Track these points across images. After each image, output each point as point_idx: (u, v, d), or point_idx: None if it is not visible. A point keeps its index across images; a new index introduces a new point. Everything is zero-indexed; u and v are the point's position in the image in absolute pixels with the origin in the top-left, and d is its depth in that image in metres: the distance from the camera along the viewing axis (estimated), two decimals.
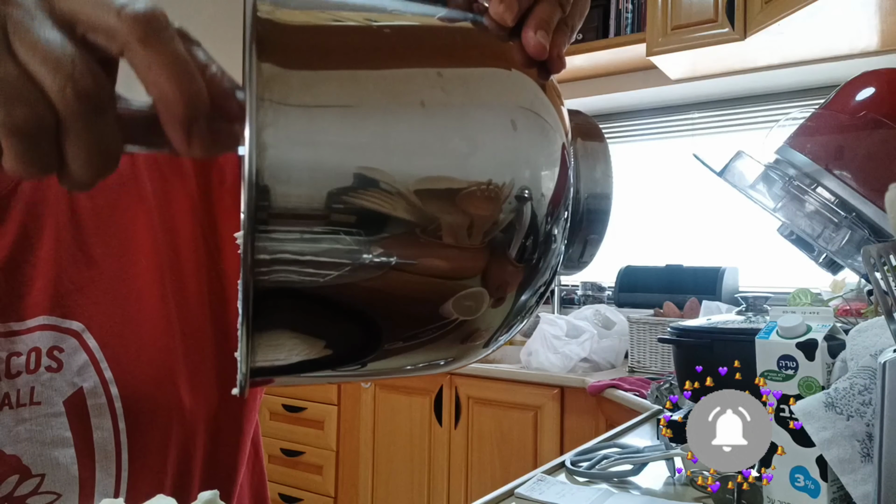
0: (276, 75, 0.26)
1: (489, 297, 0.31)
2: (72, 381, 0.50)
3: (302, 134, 0.26)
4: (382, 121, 0.28)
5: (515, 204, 0.30)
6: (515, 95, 0.31)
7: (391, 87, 0.28)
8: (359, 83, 0.28)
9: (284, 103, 0.26)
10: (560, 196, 0.31)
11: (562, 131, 0.32)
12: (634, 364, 2.00)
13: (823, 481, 0.66)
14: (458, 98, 0.29)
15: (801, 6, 1.66)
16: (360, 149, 0.27)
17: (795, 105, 2.30)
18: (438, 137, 0.29)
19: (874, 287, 0.55)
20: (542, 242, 0.31)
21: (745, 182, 0.98)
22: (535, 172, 0.30)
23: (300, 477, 2.51)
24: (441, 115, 0.29)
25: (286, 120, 0.26)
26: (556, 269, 0.33)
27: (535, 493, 0.78)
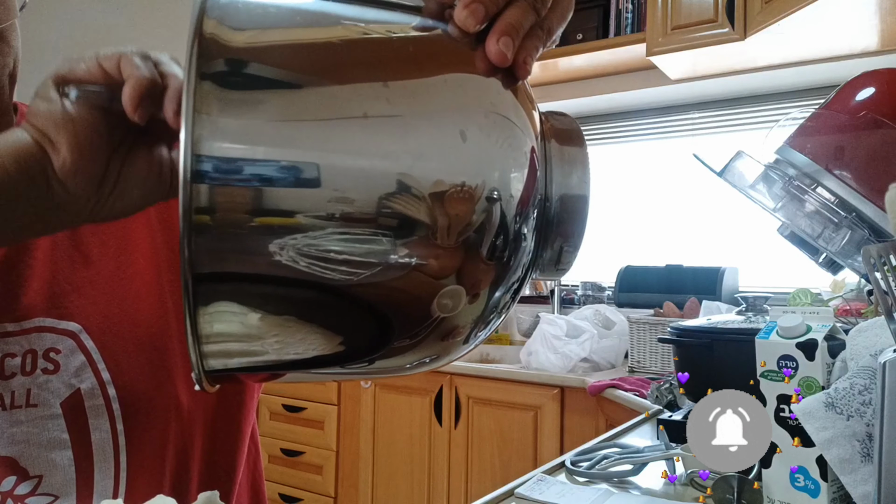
0: (211, 93, 0.27)
1: (465, 295, 0.32)
2: (69, 382, 0.50)
3: (238, 145, 0.28)
4: (321, 131, 0.29)
5: (486, 205, 0.30)
6: (479, 100, 0.32)
7: (332, 102, 0.29)
8: (299, 101, 0.29)
9: (219, 122, 0.27)
10: (528, 196, 0.32)
11: (531, 133, 0.33)
12: (634, 364, 2.00)
13: (823, 481, 0.66)
14: (403, 108, 0.30)
15: (801, 6, 1.66)
16: (295, 156, 0.28)
17: (795, 105, 2.30)
18: (379, 145, 0.29)
19: (874, 287, 0.55)
20: (513, 241, 0.32)
21: (745, 182, 0.98)
22: (503, 174, 0.31)
23: (300, 477, 2.51)
24: (384, 124, 0.30)
25: (220, 134, 0.27)
26: (528, 267, 0.34)
27: (535, 493, 0.78)
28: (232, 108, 0.27)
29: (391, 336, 0.32)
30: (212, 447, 0.57)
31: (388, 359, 0.34)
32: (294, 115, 0.28)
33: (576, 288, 2.66)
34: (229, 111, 0.27)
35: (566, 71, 2.54)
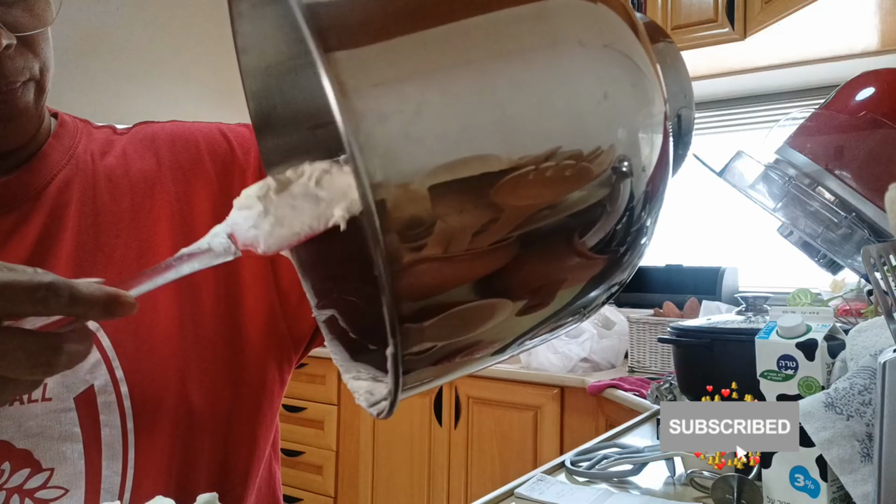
0: (348, 58, 0.22)
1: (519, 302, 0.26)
2: (84, 378, 0.51)
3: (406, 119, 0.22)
4: (485, 88, 0.23)
5: (612, 176, 0.25)
6: (613, 38, 0.26)
7: (479, 43, 0.24)
8: (441, 44, 0.24)
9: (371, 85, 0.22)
10: (660, 175, 0.27)
11: (661, 94, 0.28)
12: (634, 364, 2.00)
13: (823, 481, 0.66)
14: (546, 45, 0.25)
15: (801, 6, 1.66)
16: (473, 130, 0.23)
17: (795, 105, 2.30)
18: (546, 99, 0.24)
19: (874, 287, 0.55)
20: (635, 232, 0.27)
21: (745, 182, 0.98)
22: (633, 140, 0.26)
23: (300, 477, 2.51)
24: (541, 68, 0.24)
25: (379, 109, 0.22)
26: (636, 267, 0.30)
27: (535, 493, 0.78)
28: (378, 69, 0.22)
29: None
30: (224, 450, 0.57)
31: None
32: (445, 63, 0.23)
33: None
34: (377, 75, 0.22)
35: None
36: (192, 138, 0.61)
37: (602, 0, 0.27)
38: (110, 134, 0.62)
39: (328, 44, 0.22)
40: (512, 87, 0.24)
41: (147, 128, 0.62)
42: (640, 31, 0.28)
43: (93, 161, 0.58)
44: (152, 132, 0.61)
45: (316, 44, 0.22)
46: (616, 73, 0.26)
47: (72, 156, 0.57)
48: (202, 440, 0.55)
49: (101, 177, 0.57)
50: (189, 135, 0.61)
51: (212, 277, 0.56)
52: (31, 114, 0.52)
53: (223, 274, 0.56)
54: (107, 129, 0.62)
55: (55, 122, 0.59)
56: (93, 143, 0.60)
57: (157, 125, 0.62)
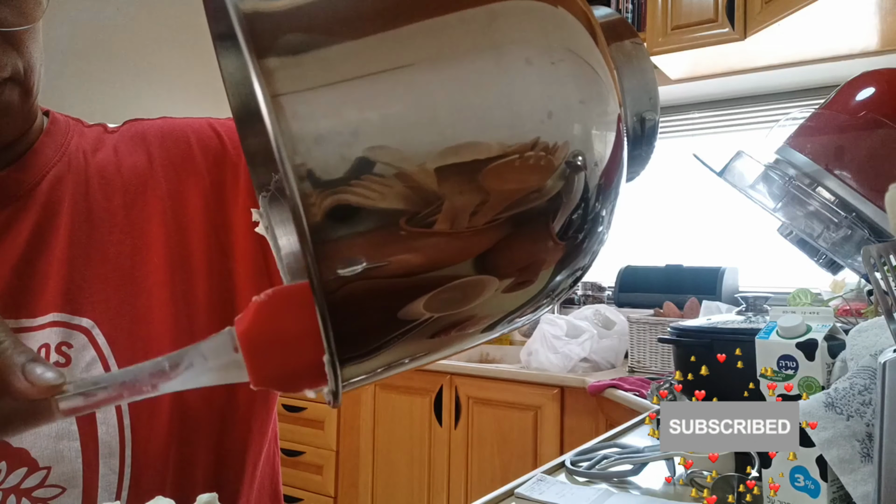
0: (280, 66, 0.23)
1: (506, 280, 0.27)
2: (79, 376, 0.51)
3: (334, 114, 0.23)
4: (417, 87, 0.24)
5: (567, 171, 0.26)
6: (568, 40, 0.27)
7: (417, 44, 0.25)
8: (376, 49, 0.24)
9: (300, 89, 0.23)
10: (614, 171, 0.28)
11: (614, 90, 0.28)
12: (634, 364, 2.00)
13: (823, 481, 0.66)
14: (491, 44, 0.25)
15: (801, 6, 1.66)
16: (400, 123, 0.24)
17: (795, 105, 2.30)
18: (487, 97, 0.25)
19: (874, 287, 0.55)
20: (591, 220, 0.28)
21: (745, 182, 0.98)
22: (587, 137, 0.26)
23: (300, 477, 2.51)
24: (481, 67, 0.25)
25: (313, 101, 0.23)
26: (597, 254, 0.30)
27: (535, 493, 0.78)
28: (312, 74, 0.23)
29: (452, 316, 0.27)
30: (220, 448, 0.57)
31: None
32: (365, 68, 0.24)
33: (575, 288, 2.66)
34: (310, 79, 0.23)
35: None
36: (182, 134, 0.61)
37: (561, 4, 0.27)
38: (101, 132, 0.62)
39: (262, 50, 0.22)
40: (453, 112, 0.24)
41: (137, 125, 0.62)
42: (598, 36, 0.29)
43: (85, 158, 0.58)
44: (142, 129, 0.61)
45: (250, 54, 0.22)
46: (568, 77, 0.27)
47: (64, 153, 0.57)
48: (198, 436, 0.55)
49: (93, 174, 0.57)
50: (179, 131, 0.61)
51: (206, 271, 0.56)
52: (14, 113, 0.51)
53: (217, 270, 0.56)
54: (98, 128, 0.62)
55: (47, 121, 0.59)
56: (84, 140, 0.60)
57: (146, 122, 0.62)
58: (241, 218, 0.58)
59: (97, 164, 0.58)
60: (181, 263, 0.56)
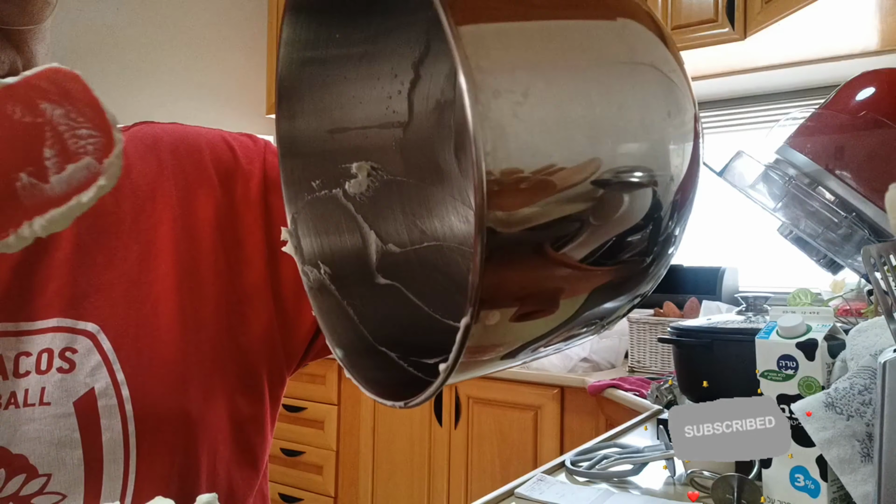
0: (472, 34, 0.25)
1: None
2: (84, 381, 0.50)
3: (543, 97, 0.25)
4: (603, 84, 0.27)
5: (639, 188, 0.27)
6: (653, 55, 0.30)
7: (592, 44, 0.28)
8: (546, 33, 0.27)
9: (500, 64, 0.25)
10: (691, 183, 0.30)
11: (691, 99, 0.31)
12: (634, 364, 2.00)
13: (823, 481, 0.66)
14: (636, 57, 0.28)
15: (801, 6, 1.66)
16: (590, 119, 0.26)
17: (795, 105, 2.30)
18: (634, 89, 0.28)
19: (874, 287, 0.55)
20: (663, 241, 0.29)
21: (745, 182, 0.98)
22: (675, 149, 0.29)
23: (300, 477, 2.51)
24: (617, 74, 0.28)
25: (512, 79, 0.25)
26: (661, 277, 0.31)
27: (535, 493, 0.78)
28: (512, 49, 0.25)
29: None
30: (227, 456, 0.57)
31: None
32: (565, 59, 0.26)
33: None
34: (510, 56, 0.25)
35: None
36: (195, 143, 0.60)
37: (652, 30, 0.31)
38: None
39: (457, 18, 0.24)
40: (601, 92, 0.27)
41: (148, 128, 0.61)
42: (675, 50, 0.32)
43: None
44: (154, 134, 0.60)
45: (447, 18, 0.24)
46: (673, 94, 0.30)
47: None
48: (203, 445, 0.54)
49: None
50: (192, 140, 0.60)
51: (215, 283, 0.55)
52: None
53: (225, 282, 0.56)
54: None
55: None
56: None
57: (158, 126, 0.62)
58: (252, 234, 0.57)
59: None
60: (189, 273, 0.55)
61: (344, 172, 0.41)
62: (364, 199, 0.41)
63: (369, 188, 0.41)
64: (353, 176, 0.41)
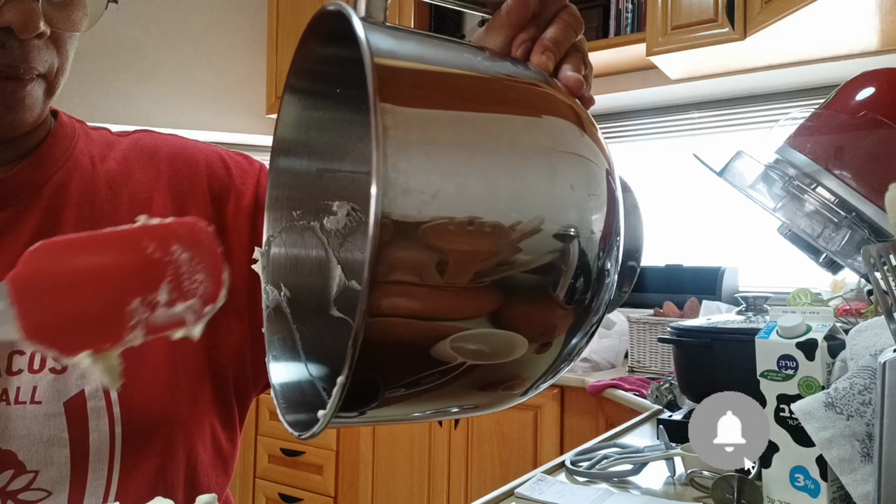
0: (399, 112, 0.28)
1: (531, 344, 0.31)
2: (75, 382, 0.51)
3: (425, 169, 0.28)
4: (490, 163, 0.30)
5: (555, 243, 0.30)
6: (567, 141, 0.33)
7: (493, 132, 0.31)
8: (467, 126, 0.30)
9: (406, 139, 0.28)
10: (610, 231, 0.32)
11: (605, 167, 0.34)
12: (634, 364, 2.00)
13: (823, 481, 0.66)
14: (539, 144, 0.32)
15: (801, 6, 1.66)
16: (474, 192, 0.29)
17: (795, 105, 2.30)
18: (531, 182, 0.30)
19: (874, 287, 0.55)
20: (595, 280, 0.32)
21: (745, 182, 0.98)
22: (583, 212, 0.32)
23: (300, 477, 2.51)
24: (530, 160, 0.31)
25: (408, 158, 0.27)
26: (608, 304, 0.34)
27: (535, 493, 0.78)
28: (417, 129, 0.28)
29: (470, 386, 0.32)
30: (205, 458, 0.58)
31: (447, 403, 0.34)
32: (467, 141, 0.30)
33: None
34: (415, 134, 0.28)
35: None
36: (192, 158, 0.62)
37: (576, 124, 0.34)
38: (108, 135, 0.62)
39: (384, 95, 0.27)
40: (510, 196, 0.30)
41: (149, 138, 0.63)
42: (589, 126, 0.35)
43: (92, 164, 0.58)
44: (154, 144, 0.62)
45: (375, 117, 0.27)
46: (579, 173, 0.33)
47: (69, 156, 0.58)
48: (183, 448, 0.55)
49: (101, 181, 0.57)
50: (190, 154, 0.62)
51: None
52: (35, 108, 0.52)
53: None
54: (103, 132, 0.62)
55: (54, 122, 0.59)
56: (91, 145, 0.60)
57: (159, 137, 0.63)
58: (237, 250, 0.58)
59: (106, 171, 0.58)
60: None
61: (325, 208, 0.43)
62: (338, 235, 0.44)
63: (346, 226, 0.44)
64: (333, 213, 0.43)
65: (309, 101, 0.42)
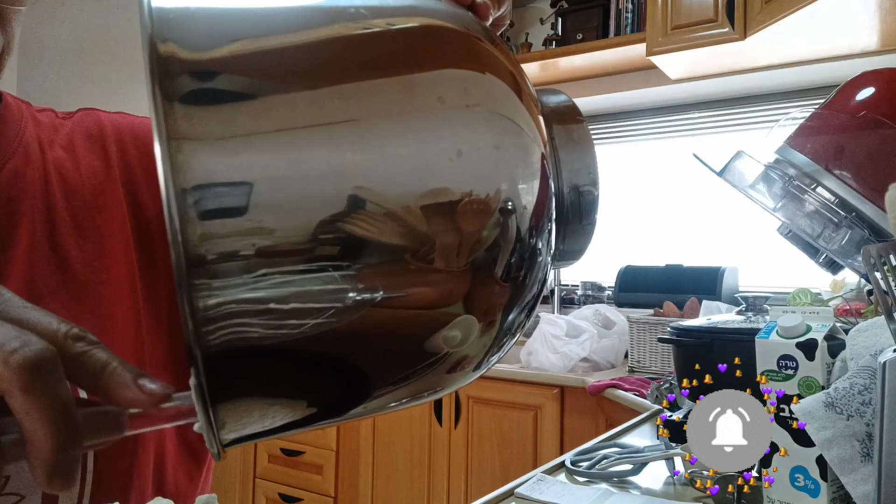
0: (190, 114, 0.24)
1: (478, 323, 0.29)
2: None
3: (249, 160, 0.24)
4: (338, 137, 0.25)
5: (499, 218, 0.27)
6: (489, 102, 0.29)
7: (341, 103, 0.26)
8: (295, 105, 0.25)
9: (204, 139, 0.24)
10: (543, 207, 0.30)
11: (539, 139, 0.30)
12: (634, 364, 2.00)
13: (823, 481, 0.66)
14: (423, 106, 0.27)
15: (801, 6, 1.66)
16: (332, 169, 0.25)
17: (795, 105, 2.30)
18: (415, 149, 0.26)
19: (874, 287, 0.55)
20: (529, 257, 0.29)
21: (745, 182, 0.98)
22: (513, 184, 0.28)
23: (300, 477, 2.51)
24: (413, 125, 0.27)
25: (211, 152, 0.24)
26: (544, 280, 0.32)
27: (535, 493, 0.78)
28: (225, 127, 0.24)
29: (403, 376, 0.29)
30: (173, 455, 0.56)
31: (387, 396, 0.31)
32: (249, 128, 0.25)
33: (576, 288, 2.66)
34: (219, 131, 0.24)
35: (566, 70, 2.54)
36: (141, 136, 0.57)
37: (490, 71, 0.29)
38: (53, 118, 0.57)
39: (169, 94, 0.24)
40: (360, 159, 0.25)
41: (93, 116, 0.58)
42: (526, 96, 0.31)
43: (42, 151, 0.54)
44: (99, 124, 0.57)
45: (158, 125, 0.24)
46: (480, 132, 0.28)
47: (20, 143, 0.53)
48: (151, 444, 0.53)
49: (51, 171, 0.53)
50: (138, 132, 0.58)
51: (169, 278, 0.53)
52: None
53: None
54: (49, 113, 0.58)
55: (1, 105, 0.54)
56: (41, 129, 0.55)
57: (103, 116, 0.59)
58: None
59: (55, 159, 0.54)
60: (144, 270, 0.53)
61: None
62: None
63: None
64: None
65: None
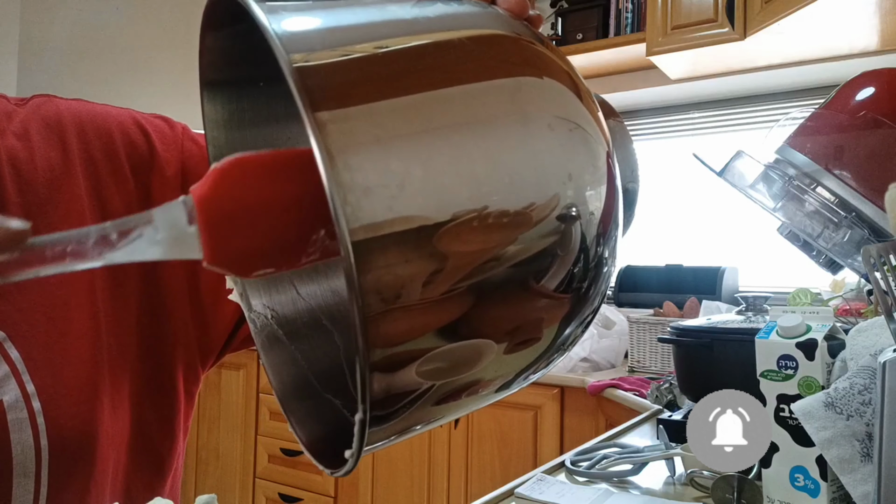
0: (331, 120, 0.24)
1: (504, 343, 0.28)
2: None
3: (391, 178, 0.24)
4: (463, 149, 0.26)
5: (557, 225, 0.27)
6: (556, 107, 0.29)
7: (455, 110, 0.26)
8: (419, 108, 0.26)
9: (355, 142, 0.24)
10: (611, 212, 0.29)
11: (602, 140, 0.30)
12: (634, 364, 2.00)
13: (823, 481, 0.66)
14: (511, 114, 0.27)
15: (801, 6, 1.66)
16: (452, 185, 0.25)
17: (795, 105, 2.30)
18: (513, 162, 0.26)
19: (874, 287, 0.55)
20: (594, 267, 0.29)
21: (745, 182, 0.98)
22: (580, 189, 0.28)
23: (300, 477, 2.51)
24: (505, 134, 0.27)
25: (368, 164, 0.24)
26: (605, 293, 0.31)
27: (535, 493, 0.78)
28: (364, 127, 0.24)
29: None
30: (132, 470, 0.54)
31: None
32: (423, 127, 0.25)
33: None
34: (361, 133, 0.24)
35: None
36: (104, 126, 0.54)
37: (557, 79, 0.30)
38: (5, 104, 0.53)
39: (315, 103, 0.23)
40: (489, 166, 0.26)
41: (50, 104, 0.54)
42: (592, 105, 0.31)
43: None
44: (57, 113, 0.54)
45: (304, 106, 0.23)
46: (575, 147, 0.29)
47: None
48: (108, 454, 0.51)
49: (4, 162, 0.49)
50: (101, 122, 0.55)
51: (133, 282, 0.52)
52: None
53: (145, 279, 0.52)
54: (0, 100, 0.54)
55: None
56: None
57: (61, 103, 0.55)
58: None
59: (7, 150, 0.50)
60: (106, 275, 0.51)
61: None
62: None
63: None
64: None
65: (231, 94, 0.38)
